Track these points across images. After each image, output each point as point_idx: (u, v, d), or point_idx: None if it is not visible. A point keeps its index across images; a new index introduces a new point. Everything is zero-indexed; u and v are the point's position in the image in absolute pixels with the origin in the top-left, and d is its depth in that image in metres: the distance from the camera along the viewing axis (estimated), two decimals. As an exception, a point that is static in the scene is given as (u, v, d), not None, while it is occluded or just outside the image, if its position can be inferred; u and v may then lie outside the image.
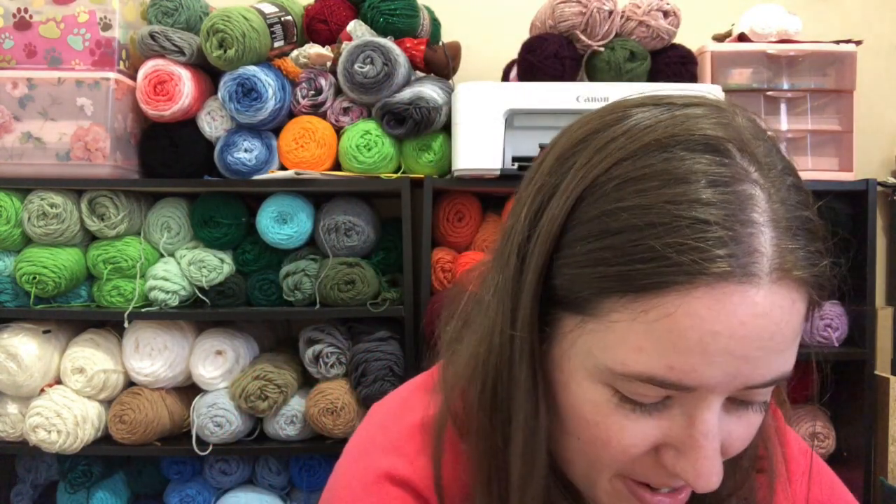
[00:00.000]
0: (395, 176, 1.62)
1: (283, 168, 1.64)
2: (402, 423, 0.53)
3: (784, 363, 0.42)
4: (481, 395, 0.48)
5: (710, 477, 0.42)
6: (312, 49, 1.61)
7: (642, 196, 0.40)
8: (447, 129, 1.63)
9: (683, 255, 0.39)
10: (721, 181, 0.40)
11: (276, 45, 1.61)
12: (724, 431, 0.43)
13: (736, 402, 0.44)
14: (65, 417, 1.53)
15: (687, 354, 0.39)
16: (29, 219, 1.55)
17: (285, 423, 1.60)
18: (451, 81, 1.72)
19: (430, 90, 1.59)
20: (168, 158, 1.61)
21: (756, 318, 0.39)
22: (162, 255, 1.64)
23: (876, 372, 1.67)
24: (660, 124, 0.42)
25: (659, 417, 0.43)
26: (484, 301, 0.50)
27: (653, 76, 1.66)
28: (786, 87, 1.72)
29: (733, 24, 1.77)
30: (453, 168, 1.58)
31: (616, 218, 0.41)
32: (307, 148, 1.61)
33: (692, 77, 1.69)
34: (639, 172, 0.41)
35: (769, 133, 0.45)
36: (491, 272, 0.50)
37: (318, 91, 1.64)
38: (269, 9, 1.61)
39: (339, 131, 1.65)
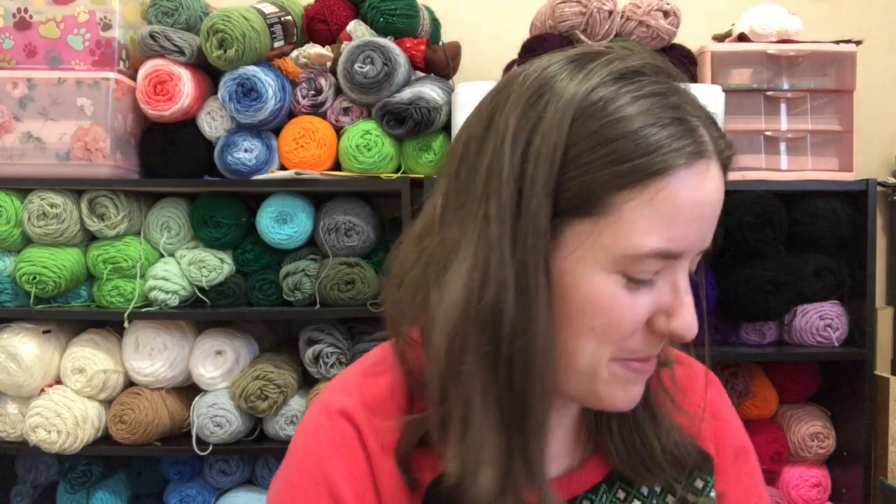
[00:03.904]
0: (395, 176, 1.62)
1: (283, 168, 1.64)
2: (353, 374, 0.63)
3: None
4: (480, 320, 0.51)
5: (695, 325, 0.53)
6: (312, 49, 1.61)
7: (629, 107, 0.50)
8: (447, 129, 1.63)
9: (679, 141, 0.50)
10: (668, 93, 0.51)
11: (276, 45, 1.61)
12: None
13: None
14: (65, 417, 1.53)
15: (682, 225, 0.50)
16: (29, 219, 1.55)
17: (285, 423, 1.60)
18: (451, 81, 1.72)
19: (430, 90, 1.59)
20: (168, 158, 1.61)
21: (716, 189, 0.52)
22: (162, 255, 1.64)
23: (876, 372, 1.67)
24: (610, 62, 0.53)
25: (651, 291, 0.53)
26: (455, 239, 0.54)
27: (653, 76, 1.65)
28: (786, 87, 1.72)
29: (733, 24, 1.77)
30: (453, 168, 1.57)
31: (613, 127, 0.49)
32: (307, 148, 1.61)
33: (692, 77, 1.69)
34: (618, 93, 0.51)
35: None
36: (460, 213, 0.54)
37: (318, 91, 1.64)
38: (269, 9, 1.61)
39: (339, 131, 1.65)
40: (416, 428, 0.57)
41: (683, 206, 0.50)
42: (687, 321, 0.53)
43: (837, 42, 1.72)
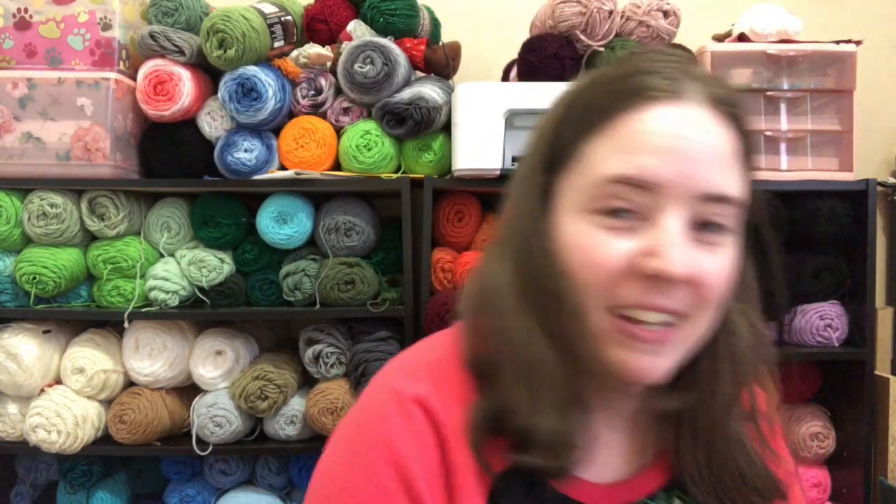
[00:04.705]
0: (395, 176, 1.62)
1: (283, 168, 1.64)
2: (418, 360, 0.64)
3: (728, 181, 0.55)
4: (518, 272, 0.59)
5: (684, 261, 0.52)
6: (312, 49, 1.61)
7: (602, 75, 0.60)
8: (447, 129, 1.63)
9: (633, 86, 0.56)
10: (665, 60, 0.58)
11: (276, 45, 1.61)
12: (699, 258, 0.54)
13: (699, 230, 0.55)
14: (65, 417, 1.53)
15: (643, 153, 0.54)
16: (29, 219, 1.55)
17: (285, 423, 1.60)
18: (451, 81, 1.72)
19: (430, 90, 1.59)
20: (168, 158, 1.61)
21: (689, 125, 0.55)
22: (162, 255, 1.64)
23: (876, 372, 1.67)
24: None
25: (635, 233, 0.54)
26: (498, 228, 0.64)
27: (653, 76, 1.66)
28: (786, 87, 1.72)
29: (733, 24, 1.77)
30: (453, 168, 1.58)
31: (585, 90, 0.60)
32: (307, 148, 1.61)
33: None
34: (599, 71, 0.61)
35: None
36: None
37: (318, 91, 1.64)
38: (269, 9, 1.61)
39: (339, 131, 1.65)
40: (485, 407, 0.58)
41: (640, 137, 0.54)
42: (671, 257, 0.52)
43: (837, 42, 1.72)
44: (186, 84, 1.56)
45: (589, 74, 0.61)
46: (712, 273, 0.55)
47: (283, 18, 1.62)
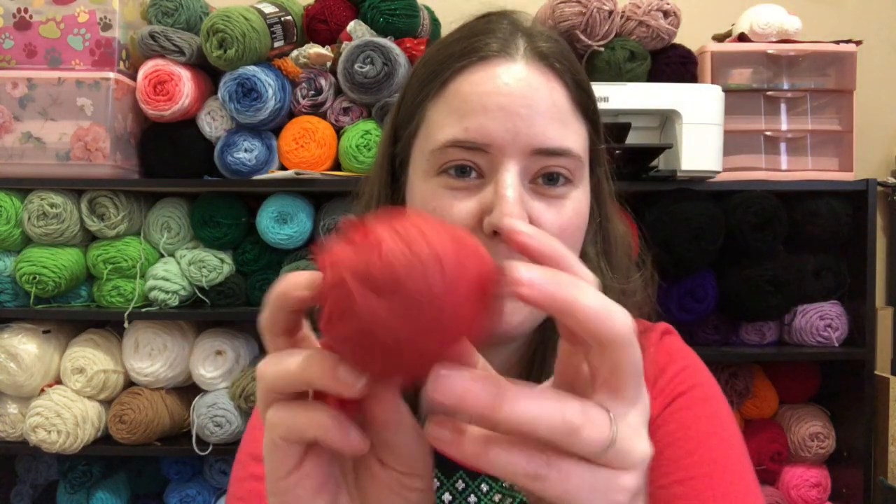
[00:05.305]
0: (395, 176, 1.62)
1: (283, 168, 1.64)
2: None
3: (560, 134, 0.55)
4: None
5: (516, 215, 0.53)
6: (312, 49, 1.61)
7: (437, 45, 0.61)
8: (447, 129, 1.63)
9: (465, 49, 0.57)
10: (500, 20, 0.60)
11: (276, 45, 1.61)
12: (535, 210, 0.55)
13: (538, 184, 0.56)
14: (65, 417, 1.53)
15: (473, 115, 0.55)
16: (29, 219, 1.55)
17: (285, 423, 1.60)
18: (451, 81, 1.72)
19: (430, 90, 1.59)
20: (168, 158, 1.61)
21: (517, 81, 0.55)
22: (162, 255, 1.64)
23: (876, 372, 1.67)
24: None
25: (476, 194, 0.55)
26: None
27: (653, 76, 1.66)
28: (786, 87, 1.72)
29: (733, 24, 1.77)
30: (453, 168, 1.57)
31: (422, 61, 0.62)
32: (307, 148, 1.61)
33: (692, 77, 1.68)
34: (443, 37, 0.63)
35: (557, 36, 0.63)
36: None
37: (318, 91, 1.64)
38: (269, 9, 1.61)
39: (339, 131, 1.65)
40: None
41: (470, 98, 0.55)
42: (502, 212, 0.52)
43: (837, 42, 1.72)
44: (186, 84, 1.56)
45: (434, 43, 0.62)
46: (552, 224, 0.55)
47: (283, 18, 1.62)
